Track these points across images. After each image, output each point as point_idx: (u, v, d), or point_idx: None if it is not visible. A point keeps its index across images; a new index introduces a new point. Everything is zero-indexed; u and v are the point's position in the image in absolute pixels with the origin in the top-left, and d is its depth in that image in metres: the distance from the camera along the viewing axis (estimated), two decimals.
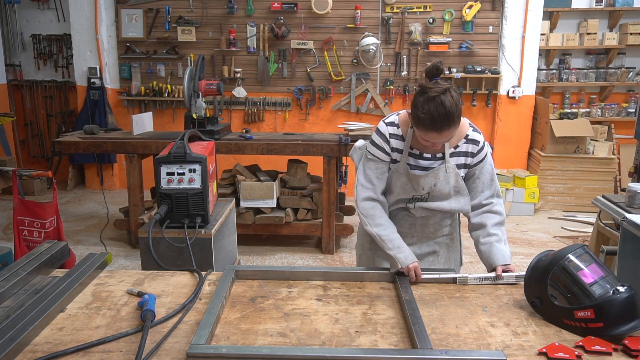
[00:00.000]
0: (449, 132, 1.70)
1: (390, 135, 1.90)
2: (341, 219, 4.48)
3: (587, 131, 5.57)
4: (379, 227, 1.89)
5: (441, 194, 1.94)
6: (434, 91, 1.66)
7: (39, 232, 3.32)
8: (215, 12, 5.95)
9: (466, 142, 1.90)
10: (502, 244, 1.89)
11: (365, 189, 1.93)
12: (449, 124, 1.67)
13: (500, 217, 1.94)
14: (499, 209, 1.95)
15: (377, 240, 1.90)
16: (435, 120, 1.66)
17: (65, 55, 6.45)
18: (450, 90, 1.68)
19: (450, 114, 1.66)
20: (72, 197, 6.13)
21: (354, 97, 6.01)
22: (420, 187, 1.92)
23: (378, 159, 1.92)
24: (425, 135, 1.73)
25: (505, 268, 1.83)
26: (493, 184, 1.96)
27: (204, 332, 1.36)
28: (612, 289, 1.44)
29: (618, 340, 1.40)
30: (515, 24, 5.78)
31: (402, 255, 1.81)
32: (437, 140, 1.74)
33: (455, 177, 1.91)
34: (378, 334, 1.46)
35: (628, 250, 2.35)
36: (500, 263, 1.84)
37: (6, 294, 1.57)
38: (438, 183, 1.91)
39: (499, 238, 1.90)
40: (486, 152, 1.93)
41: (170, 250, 2.22)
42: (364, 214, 1.93)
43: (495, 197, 1.96)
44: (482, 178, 1.94)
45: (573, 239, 4.76)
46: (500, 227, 1.93)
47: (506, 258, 1.86)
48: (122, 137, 4.34)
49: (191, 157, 2.25)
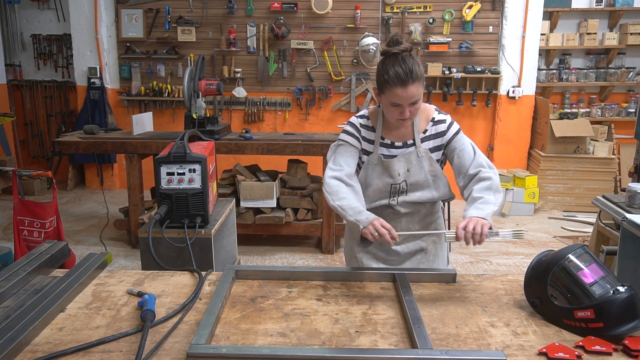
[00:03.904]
0: (414, 87, 1.73)
1: (360, 125, 1.94)
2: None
3: (587, 131, 5.57)
4: (341, 200, 1.81)
5: (418, 181, 1.92)
6: (396, 49, 1.75)
7: (39, 232, 3.32)
8: (215, 12, 5.95)
9: (433, 124, 1.92)
10: (486, 205, 1.71)
11: (332, 170, 1.90)
12: (412, 79, 1.72)
13: (490, 182, 1.79)
14: (488, 175, 1.82)
15: (339, 212, 1.81)
16: (399, 74, 1.72)
17: (65, 55, 6.45)
18: (411, 53, 1.76)
19: (413, 68, 1.72)
20: (72, 197, 6.13)
21: (354, 97, 6.01)
22: (395, 173, 1.92)
23: (347, 142, 1.93)
24: (391, 95, 1.75)
25: (477, 218, 1.64)
26: (477, 156, 1.88)
27: (204, 332, 1.36)
28: (612, 289, 1.44)
29: (618, 340, 1.40)
30: (515, 24, 5.78)
31: (363, 217, 1.72)
32: (404, 99, 1.74)
33: (429, 161, 1.91)
34: (378, 334, 1.46)
35: (628, 250, 2.35)
36: (472, 215, 1.67)
37: (6, 294, 1.57)
38: (411, 168, 1.91)
39: (484, 200, 1.73)
40: (457, 128, 1.92)
41: (170, 250, 2.22)
42: (327, 190, 1.85)
43: (482, 166, 1.85)
44: (463, 152, 1.89)
45: (573, 239, 4.76)
46: (486, 191, 1.77)
47: (482, 212, 1.68)
48: (122, 137, 4.34)
49: (191, 157, 2.25)
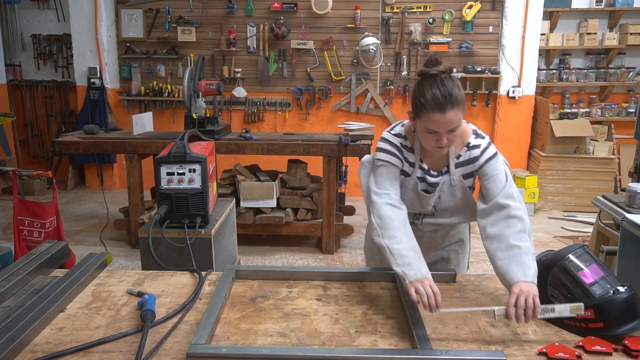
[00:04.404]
0: (453, 113, 1.56)
1: (401, 145, 1.76)
2: (341, 219, 4.48)
3: (587, 131, 5.57)
4: (391, 240, 1.60)
5: (448, 207, 1.83)
6: (433, 70, 1.59)
7: (39, 232, 3.32)
8: (215, 12, 5.95)
9: (468, 149, 1.75)
10: (527, 256, 1.52)
11: (379, 195, 1.71)
12: (452, 104, 1.55)
13: (522, 223, 1.59)
14: (520, 214, 1.62)
15: (385, 253, 1.61)
16: (437, 98, 1.55)
17: (65, 55, 6.45)
18: (451, 75, 1.61)
19: (453, 92, 1.56)
20: (72, 197, 6.13)
21: (354, 97, 6.01)
22: (427, 205, 1.83)
23: (390, 163, 1.75)
24: (428, 120, 1.58)
25: (527, 287, 1.43)
26: (508, 185, 1.68)
27: (204, 332, 1.36)
28: (612, 289, 1.44)
29: (618, 341, 1.39)
30: (515, 24, 5.78)
31: (412, 272, 1.51)
32: (441, 125, 1.57)
33: (462, 190, 1.79)
34: (378, 334, 1.46)
35: (628, 250, 2.35)
36: (519, 279, 1.46)
37: (6, 294, 1.57)
38: (443, 195, 1.79)
39: (522, 251, 1.53)
40: (491, 154, 1.73)
41: (170, 250, 2.22)
42: (378, 223, 1.66)
43: (512, 199, 1.65)
44: (494, 178, 1.70)
45: (573, 239, 4.76)
46: (522, 234, 1.57)
47: (527, 274, 1.47)
48: (122, 137, 4.34)
49: (191, 157, 2.25)
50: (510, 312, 1.39)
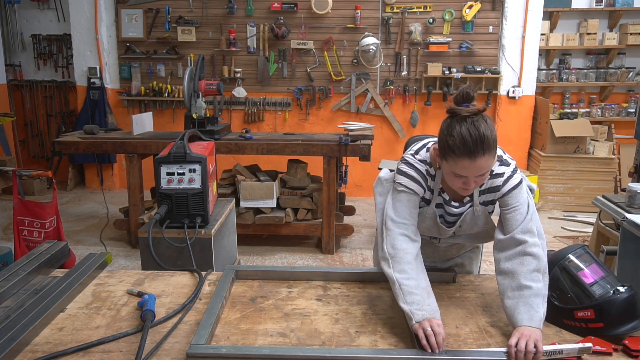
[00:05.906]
0: (484, 160, 1.44)
1: (427, 172, 1.64)
2: (341, 219, 4.48)
3: (587, 131, 5.57)
4: (401, 274, 1.52)
5: (468, 233, 1.76)
6: (465, 111, 1.45)
7: (39, 232, 3.32)
8: (215, 12, 5.95)
9: (491, 177, 1.61)
10: (536, 299, 1.45)
11: (397, 224, 1.60)
12: (483, 149, 1.42)
13: (537, 262, 1.50)
14: (536, 252, 1.52)
15: (393, 286, 1.53)
16: (467, 143, 1.41)
17: (65, 55, 6.45)
18: (484, 114, 1.48)
19: (485, 137, 1.42)
20: (72, 197, 6.13)
21: (354, 97, 6.01)
22: (446, 233, 1.75)
23: (413, 191, 1.62)
24: (455, 165, 1.46)
25: (529, 332, 1.38)
26: (529, 219, 1.57)
27: (204, 332, 1.36)
28: (612, 289, 1.44)
29: (618, 340, 1.40)
30: (515, 24, 5.78)
31: (419, 313, 1.42)
32: (469, 171, 1.45)
33: (485, 219, 1.70)
34: (378, 334, 1.46)
35: (628, 250, 2.35)
36: (523, 324, 1.41)
37: (6, 294, 1.57)
38: (464, 225, 1.71)
39: (532, 292, 1.46)
40: (515, 183, 1.60)
41: (170, 250, 2.22)
42: (391, 253, 1.56)
43: (531, 234, 1.55)
44: (515, 210, 1.59)
45: (573, 239, 4.76)
46: (536, 274, 1.49)
47: (533, 318, 1.41)
48: (122, 137, 4.34)
49: (191, 157, 2.25)
50: (511, 352, 1.36)
